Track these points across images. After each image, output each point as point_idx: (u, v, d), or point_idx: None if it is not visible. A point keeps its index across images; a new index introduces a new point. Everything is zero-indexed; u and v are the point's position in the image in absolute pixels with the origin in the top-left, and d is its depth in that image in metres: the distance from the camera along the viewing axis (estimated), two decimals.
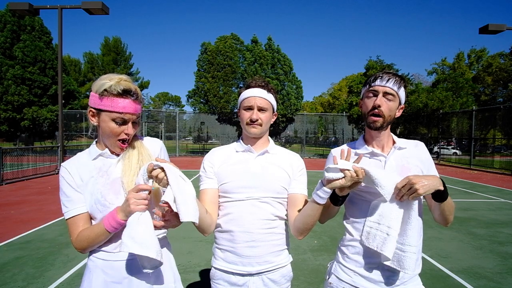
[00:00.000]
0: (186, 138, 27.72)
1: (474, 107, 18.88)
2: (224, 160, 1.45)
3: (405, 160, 1.32)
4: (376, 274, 1.27)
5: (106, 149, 1.30)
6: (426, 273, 3.55)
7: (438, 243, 4.65)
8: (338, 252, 1.43)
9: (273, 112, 1.48)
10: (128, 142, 1.28)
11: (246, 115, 1.41)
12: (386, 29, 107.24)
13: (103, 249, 1.26)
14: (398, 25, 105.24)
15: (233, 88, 23.41)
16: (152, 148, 1.37)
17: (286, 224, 1.49)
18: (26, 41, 19.69)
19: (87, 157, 1.31)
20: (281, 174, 1.42)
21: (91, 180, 1.26)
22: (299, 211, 1.38)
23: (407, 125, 24.76)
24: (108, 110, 1.20)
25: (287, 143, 28.51)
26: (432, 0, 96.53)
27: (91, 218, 1.28)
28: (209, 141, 26.72)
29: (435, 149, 21.57)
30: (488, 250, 4.43)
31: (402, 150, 1.36)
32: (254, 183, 1.38)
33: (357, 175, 1.11)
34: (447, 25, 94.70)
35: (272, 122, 1.49)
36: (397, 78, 1.28)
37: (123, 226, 1.14)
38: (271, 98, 1.45)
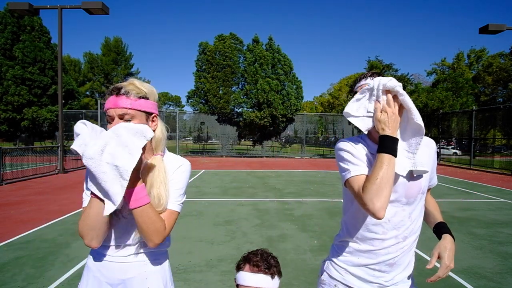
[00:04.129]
0: (186, 138, 27.62)
1: (474, 107, 18.90)
2: None
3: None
4: (368, 274, 1.27)
5: None
6: (426, 273, 3.54)
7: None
8: (331, 250, 1.42)
9: None
10: None
11: None
12: (386, 29, 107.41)
13: (101, 249, 1.25)
14: (398, 25, 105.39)
15: (233, 88, 23.40)
16: (170, 166, 1.29)
17: None
18: (26, 41, 19.72)
19: None
20: None
21: None
22: None
23: None
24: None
25: (287, 143, 28.48)
26: (432, 0, 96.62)
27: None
28: (209, 141, 26.63)
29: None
30: (488, 250, 4.42)
31: None
32: None
33: None
34: (447, 25, 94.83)
35: None
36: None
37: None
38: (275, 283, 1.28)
